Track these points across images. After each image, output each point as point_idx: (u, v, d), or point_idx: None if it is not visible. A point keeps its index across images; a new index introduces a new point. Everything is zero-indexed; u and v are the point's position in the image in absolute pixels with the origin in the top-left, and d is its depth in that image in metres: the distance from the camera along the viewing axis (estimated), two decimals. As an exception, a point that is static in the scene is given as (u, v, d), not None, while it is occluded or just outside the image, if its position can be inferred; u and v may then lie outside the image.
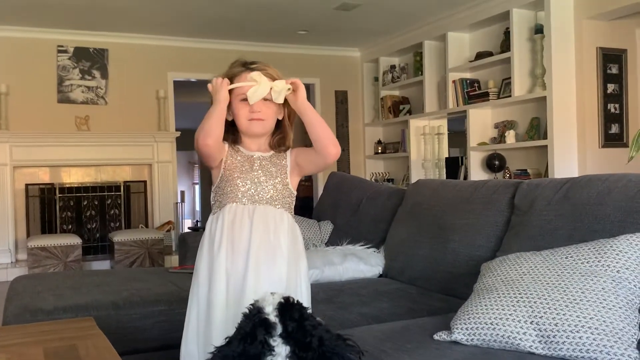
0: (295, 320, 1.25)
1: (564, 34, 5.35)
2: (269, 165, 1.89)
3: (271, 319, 1.25)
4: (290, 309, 1.27)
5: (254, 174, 1.86)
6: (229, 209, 1.84)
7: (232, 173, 1.86)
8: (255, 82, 1.82)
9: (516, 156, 5.94)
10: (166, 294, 2.74)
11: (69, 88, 6.98)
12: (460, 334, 1.77)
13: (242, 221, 1.82)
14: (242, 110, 1.86)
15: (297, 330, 1.24)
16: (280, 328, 1.24)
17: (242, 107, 1.86)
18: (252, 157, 1.89)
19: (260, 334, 1.23)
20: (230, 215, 1.83)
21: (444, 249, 2.73)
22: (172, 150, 7.35)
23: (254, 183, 1.85)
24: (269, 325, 1.24)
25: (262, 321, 1.25)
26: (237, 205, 1.83)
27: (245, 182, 1.85)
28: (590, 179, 2.22)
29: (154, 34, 7.19)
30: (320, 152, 1.84)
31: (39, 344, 1.76)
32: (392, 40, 7.59)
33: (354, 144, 8.38)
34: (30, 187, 6.85)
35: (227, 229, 1.82)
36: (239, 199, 1.84)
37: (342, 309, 2.45)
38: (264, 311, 1.26)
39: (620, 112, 5.49)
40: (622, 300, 1.65)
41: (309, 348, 1.23)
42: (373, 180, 7.11)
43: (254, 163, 1.88)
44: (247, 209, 1.83)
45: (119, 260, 6.33)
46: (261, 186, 1.85)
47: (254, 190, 1.84)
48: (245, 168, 1.86)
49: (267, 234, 1.82)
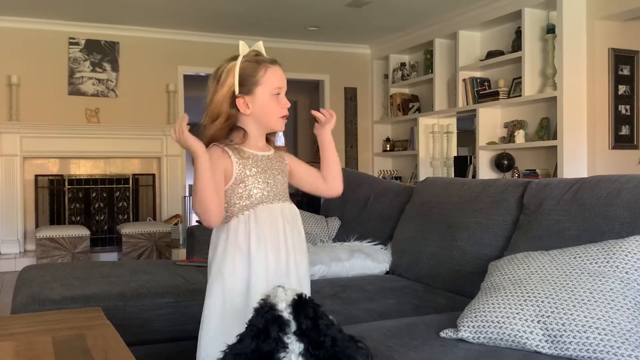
0: (309, 319, 1.23)
1: (575, 34, 5.32)
2: (277, 162, 1.86)
3: (285, 315, 1.23)
4: (305, 307, 1.25)
5: (270, 173, 1.82)
6: (261, 210, 1.77)
7: (247, 178, 1.78)
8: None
9: (525, 156, 5.92)
10: (174, 286, 2.75)
11: (80, 80, 7.01)
12: (467, 331, 1.77)
13: (275, 220, 1.78)
14: (275, 108, 1.81)
15: (312, 328, 1.23)
16: (294, 325, 1.22)
17: (276, 103, 1.81)
18: (263, 156, 1.84)
19: (274, 331, 1.21)
20: (264, 215, 1.77)
21: (452, 247, 2.73)
22: (181, 145, 7.35)
23: (270, 182, 1.81)
24: (283, 323, 1.22)
25: (276, 318, 1.22)
26: (269, 207, 1.78)
27: (264, 182, 1.80)
28: (600, 179, 2.21)
29: (165, 28, 7.21)
30: (331, 183, 1.90)
31: (48, 332, 1.76)
32: (402, 37, 7.57)
33: (362, 141, 8.37)
34: (40, 178, 6.89)
35: (264, 230, 1.75)
36: (266, 198, 1.78)
37: (348, 305, 2.45)
38: (277, 307, 1.24)
39: (631, 114, 5.46)
40: (630, 301, 1.64)
41: (322, 347, 1.22)
42: (381, 178, 7.11)
43: (265, 162, 1.83)
44: (278, 208, 1.80)
45: (127, 253, 6.36)
46: (277, 184, 1.82)
47: (275, 189, 1.81)
48: (260, 169, 1.80)
49: (296, 230, 1.83)
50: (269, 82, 1.79)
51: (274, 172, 1.83)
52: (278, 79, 1.82)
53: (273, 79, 1.80)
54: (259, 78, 1.79)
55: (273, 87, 1.80)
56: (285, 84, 1.85)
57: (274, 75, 1.80)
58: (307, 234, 3.54)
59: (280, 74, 1.83)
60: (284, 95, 1.83)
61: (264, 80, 1.79)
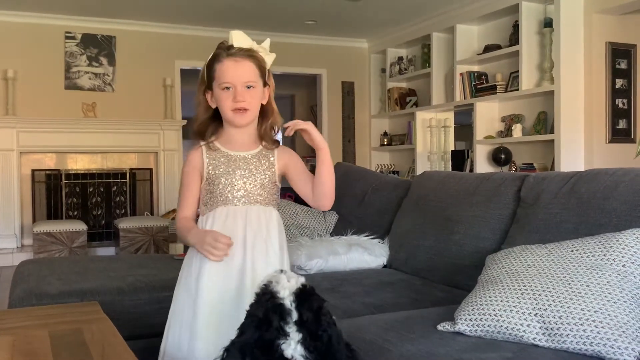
0: (312, 311, 1.23)
1: (573, 28, 5.32)
2: (255, 162, 1.83)
3: (286, 304, 1.22)
4: (309, 299, 1.24)
5: (240, 173, 1.80)
6: (220, 212, 1.79)
7: (218, 177, 1.80)
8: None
9: (522, 150, 5.92)
10: (171, 280, 2.72)
11: (76, 74, 6.99)
12: (464, 324, 1.78)
13: (235, 223, 1.78)
14: (225, 101, 1.77)
15: (313, 321, 1.22)
16: (295, 315, 1.21)
17: (226, 96, 1.77)
18: (236, 156, 1.82)
19: (276, 320, 1.20)
20: (222, 218, 1.79)
21: (449, 241, 2.73)
22: (178, 139, 7.35)
23: (238, 184, 1.79)
24: (284, 311, 1.21)
25: (277, 306, 1.21)
26: (228, 208, 1.79)
27: (232, 184, 1.79)
28: (597, 173, 2.21)
29: (162, 22, 7.19)
30: (318, 200, 1.84)
31: (45, 327, 1.77)
32: (400, 31, 7.56)
33: (359, 136, 8.37)
34: (37, 172, 6.88)
35: (220, 231, 1.75)
36: (230, 201, 1.79)
37: (346, 298, 2.45)
38: (279, 295, 1.23)
39: (628, 108, 5.47)
40: (627, 294, 1.64)
41: (319, 339, 1.23)
42: (378, 172, 7.11)
43: (238, 162, 1.81)
44: (239, 211, 1.79)
45: (124, 247, 6.36)
46: (249, 186, 1.80)
47: (243, 191, 1.79)
48: (230, 169, 1.80)
49: (260, 231, 1.80)
50: (218, 76, 1.79)
51: (247, 172, 1.81)
52: (225, 74, 1.77)
53: (220, 73, 1.78)
54: (213, 73, 1.80)
55: (220, 82, 1.78)
56: (242, 77, 1.77)
57: (221, 70, 1.78)
58: (305, 228, 3.54)
59: (231, 68, 1.77)
60: (239, 89, 1.76)
61: (216, 75, 1.79)
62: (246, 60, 1.79)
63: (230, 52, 1.79)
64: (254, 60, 1.81)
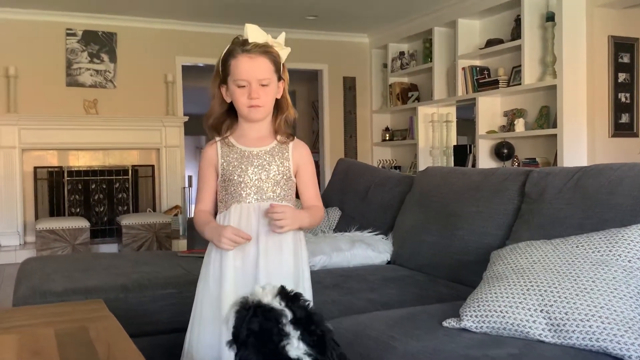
0: (303, 309, 1.25)
1: (575, 22, 5.30)
2: (269, 159, 1.84)
3: (275, 305, 1.23)
4: (294, 299, 1.27)
5: (252, 170, 1.81)
6: (235, 210, 1.81)
7: (232, 174, 1.81)
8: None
9: (525, 145, 5.91)
10: (175, 277, 2.75)
11: (78, 71, 6.98)
12: (470, 321, 1.77)
13: (248, 220, 1.79)
14: (240, 97, 1.79)
15: (305, 317, 1.24)
16: (289, 314, 1.23)
17: (241, 93, 1.78)
18: (250, 153, 1.83)
19: (274, 326, 1.21)
20: (236, 216, 1.80)
21: (453, 237, 2.72)
22: (180, 135, 7.35)
23: (251, 179, 1.81)
24: (278, 314, 1.22)
25: (268, 311, 1.22)
26: (242, 206, 1.80)
27: (245, 181, 1.80)
28: (602, 168, 2.20)
29: (163, 18, 7.17)
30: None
31: (50, 325, 1.77)
32: (401, 26, 7.54)
33: (361, 131, 8.36)
34: (39, 170, 6.89)
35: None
36: (243, 199, 1.80)
37: (350, 295, 2.45)
38: (264, 302, 1.24)
39: (631, 102, 5.45)
40: (633, 289, 1.64)
41: (314, 334, 1.24)
42: (380, 168, 7.10)
43: (252, 159, 1.82)
44: (252, 208, 1.80)
45: (127, 244, 6.37)
46: (262, 182, 1.81)
47: (256, 188, 1.80)
48: (243, 166, 1.81)
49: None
50: (233, 73, 1.79)
51: (260, 169, 1.81)
52: (239, 71, 1.77)
53: (235, 70, 1.79)
54: (228, 68, 1.80)
55: (235, 79, 1.78)
56: (256, 75, 1.77)
57: (236, 66, 1.78)
58: (308, 224, 3.53)
59: (246, 64, 1.77)
60: (254, 86, 1.77)
61: (231, 70, 1.79)
62: (261, 56, 1.80)
63: (245, 48, 1.79)
64: (269, 56, 1.81)
